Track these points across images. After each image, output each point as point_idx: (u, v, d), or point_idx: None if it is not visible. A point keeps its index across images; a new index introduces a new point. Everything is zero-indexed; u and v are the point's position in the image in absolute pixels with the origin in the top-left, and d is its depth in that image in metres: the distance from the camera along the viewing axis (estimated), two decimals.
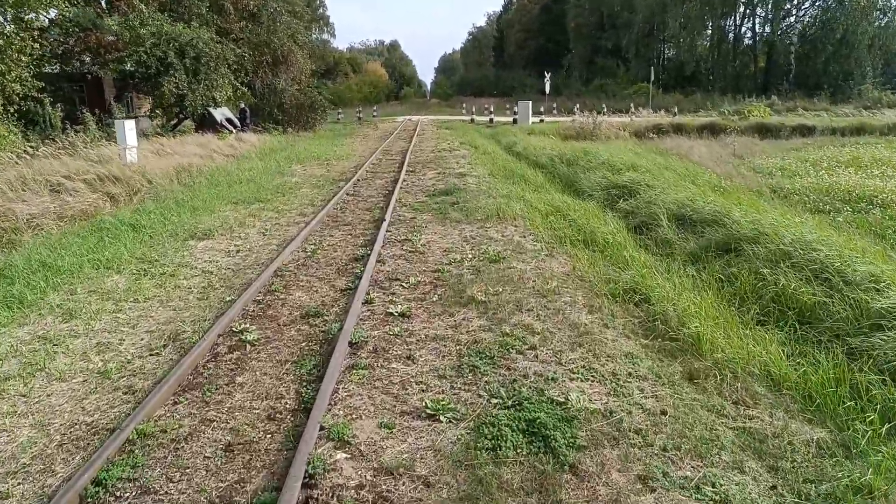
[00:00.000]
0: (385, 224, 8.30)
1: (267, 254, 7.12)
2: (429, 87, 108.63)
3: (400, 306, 5.26)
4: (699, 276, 6.50)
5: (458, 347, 4.46)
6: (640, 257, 6.86)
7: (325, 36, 73.53)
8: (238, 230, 8.29)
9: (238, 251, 7.26)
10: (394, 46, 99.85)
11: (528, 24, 69.75)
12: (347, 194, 11.20)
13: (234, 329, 4.82)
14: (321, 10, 73.03)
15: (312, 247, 7.38)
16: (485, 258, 6.66)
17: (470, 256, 6.77)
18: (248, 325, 4.89)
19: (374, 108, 43.53)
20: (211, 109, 23.36)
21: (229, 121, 24.10)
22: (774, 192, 11.64)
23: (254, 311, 5.27)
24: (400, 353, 4.41)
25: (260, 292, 5.71)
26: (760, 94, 38.28)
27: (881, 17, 37.82)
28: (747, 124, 23.29)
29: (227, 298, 5.56)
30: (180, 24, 22.24)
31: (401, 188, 11.54)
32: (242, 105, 24.30)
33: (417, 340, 4.61)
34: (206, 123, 23.20)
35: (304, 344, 4.61)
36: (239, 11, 26.36)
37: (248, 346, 4.54)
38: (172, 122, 24.31)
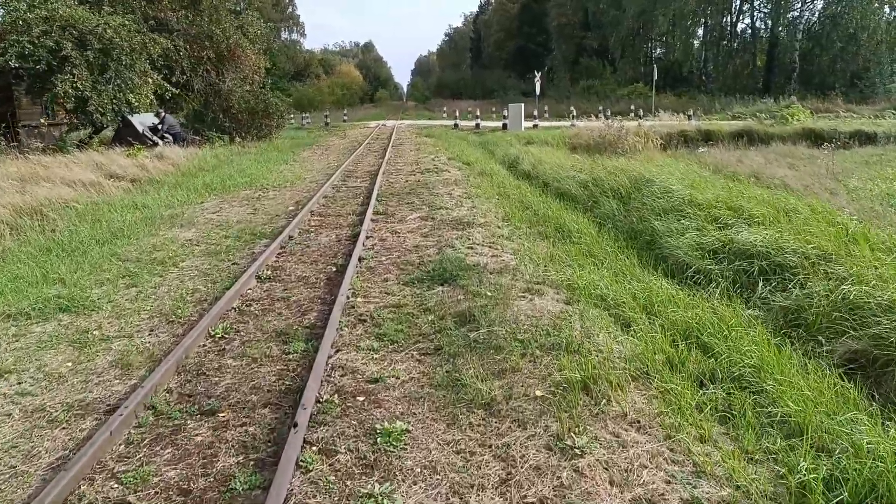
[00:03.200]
0: (298, 432, 2.99)
1: None
2: (405, 90, 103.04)
3: None
4: None
5: None
6: None
7: (296, 36, 67.74)
8: None
9: None
10: (368, 48, 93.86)
11: (506, 24, 64.64)
12: (259, 279, 5.82)
13: None
14: (290, 10, 67.10)
15: None
16: None
17: None
18: None
19: (344, 111, 37.95)
20: (131, 117, 17.69)
21: (154, 130, 18.46)
22: None
23: None
24: None
25: None
26: (763, 94, 33.65)
27: (890, 12, 33.45)
28: (792, 130, 18.45)
29: None
30: (81, 8, 16.51)
31: (360, 261, 6.21)
32: (161, 111, 18.62)
33: None
34: (125, 134, 17.53)
35: None
36: None
37: None
38: (87, 132, 18.69)
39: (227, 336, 4.41)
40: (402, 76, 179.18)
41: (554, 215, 8.49)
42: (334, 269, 6.07)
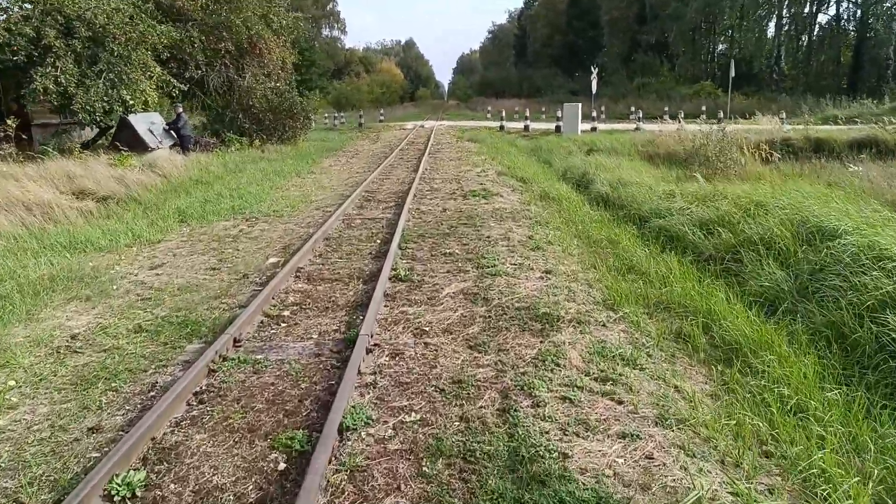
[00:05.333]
0: None
1: None
2: (446, 88, 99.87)
3: None
4: None
5: None
6: None
7: (336, 33, 65.14)
8: None
9: None
10: (409, 45, 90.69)
11: (554, 19, 60.45)
12: (110, 501, 2.59)
13: None
14: (331, 6, 64.49)
15: None
16: None
17: None
18: None
19: (381, 111, 34.85)
20: (132, 117, 14.82)
21: (155, 131, 15.55)
22: None
23: None
24: None
25: None
26: (851, 94, 28.97)
27: None
28: None
29: None
30: None
31: (341, 439, 2.92)
32: (180, 109, 15.72)
33: None
34: (122, 137, 14.72)
35: None
36: None
37: None
38: (92, 135, 16.17)
39: None
40: (444, 75, 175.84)
41: (685, 292, 5.03)
42: (284, 460, 2.78)
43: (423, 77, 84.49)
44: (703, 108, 25.64)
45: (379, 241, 6.78)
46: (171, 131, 15.41)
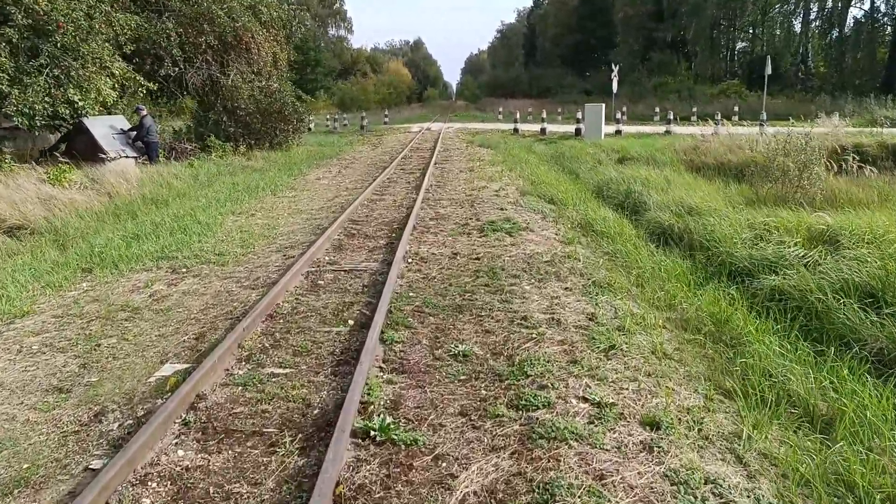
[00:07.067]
0: None
1: None
2: (454, 89, 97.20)
3: None
4: None
5: None
6: None
7: (343, 32, 62.53)
8: None
9: None
10: (417, 45, 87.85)
11: (564, 18, 57.53)
12: None
13: None
14: (338, 5, 61.84)
15: None
16: None
17: None
18: None
19: (385, 113, 32.22)
20: (88, 120, 12.11)
21: (118, 137, 12.81)
22: None
23: None
24: None
25: None
26: (887, 93, 26.07)
27: None
28: None
29: None
30: None
31: None
32: (143, 112, 12.91)
33: None
34: (77, 145, 12.09)
35: None
36: None
37: None
38: (54, 142, 13.69)
39: None
40: (452, 75, 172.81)
41: None
42: None
43: (431, 77, 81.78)
44: (736, 108, 22.84)
45: (351, 323, 4.18)
46: (138, 139, 12.73)
